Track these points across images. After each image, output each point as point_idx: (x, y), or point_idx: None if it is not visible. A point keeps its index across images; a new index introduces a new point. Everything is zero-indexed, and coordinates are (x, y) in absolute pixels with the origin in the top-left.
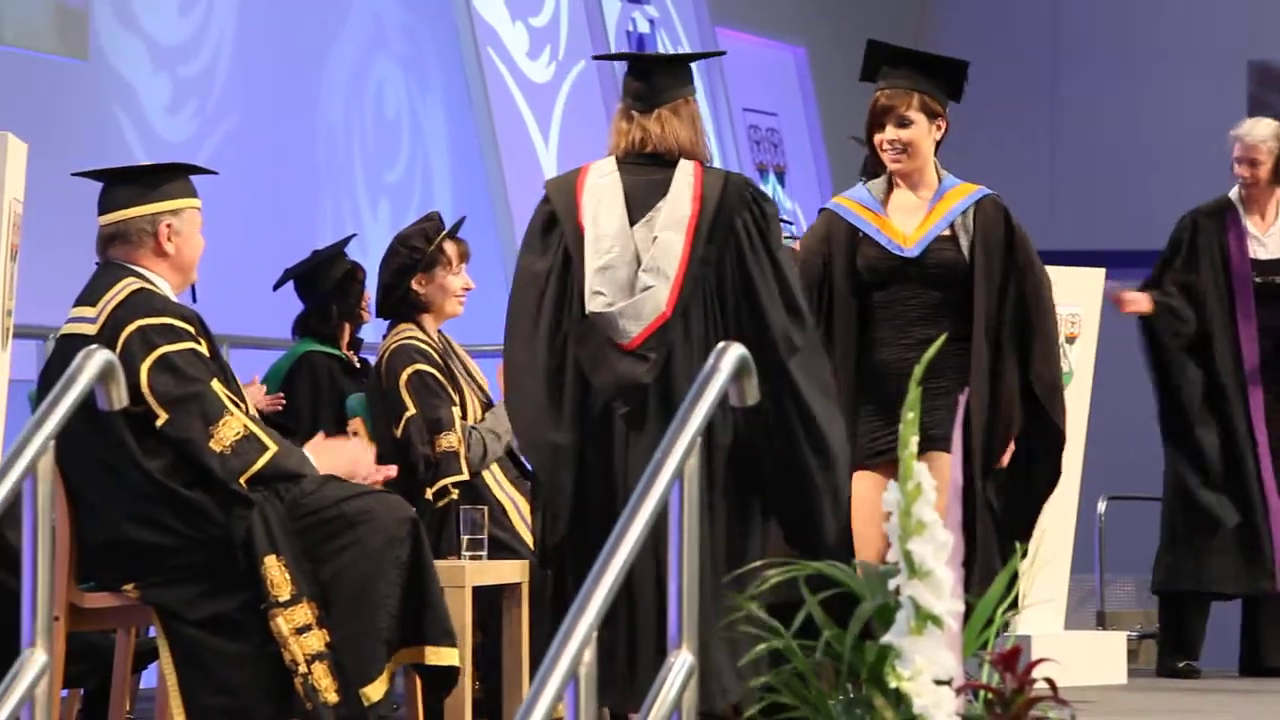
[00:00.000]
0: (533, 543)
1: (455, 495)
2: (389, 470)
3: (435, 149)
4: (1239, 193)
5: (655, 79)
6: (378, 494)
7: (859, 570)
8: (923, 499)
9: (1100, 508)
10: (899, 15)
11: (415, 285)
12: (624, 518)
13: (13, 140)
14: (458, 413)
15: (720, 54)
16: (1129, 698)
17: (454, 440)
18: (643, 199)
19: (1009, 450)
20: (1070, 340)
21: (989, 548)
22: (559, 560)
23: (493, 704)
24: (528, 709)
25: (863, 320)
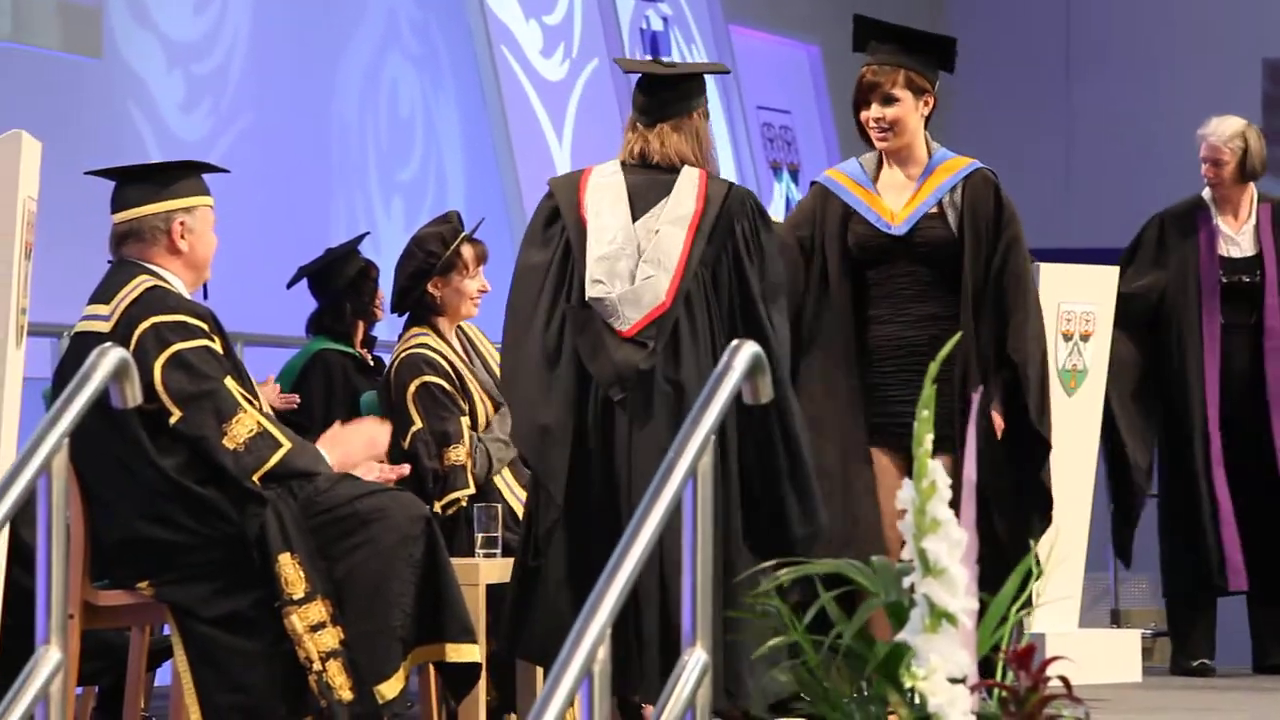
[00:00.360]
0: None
1: (464, 504)
2: (402, 469)
3: (449, 147)
4: (1211, 192)
5: (658, 95)
6: (391, 492)
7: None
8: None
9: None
10: (913, 15)
11: (431, 288)
12: (637, 516)
13: (27, 138)
14: (466, 423)
15: (725, 71)
16: (1144, 696)
17: (461, 454)
18: (646, 197)
19: (999, 425)
20: (1085, 338)
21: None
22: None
23: (506, 709)
24: (542, 706)
25: (860, 296)
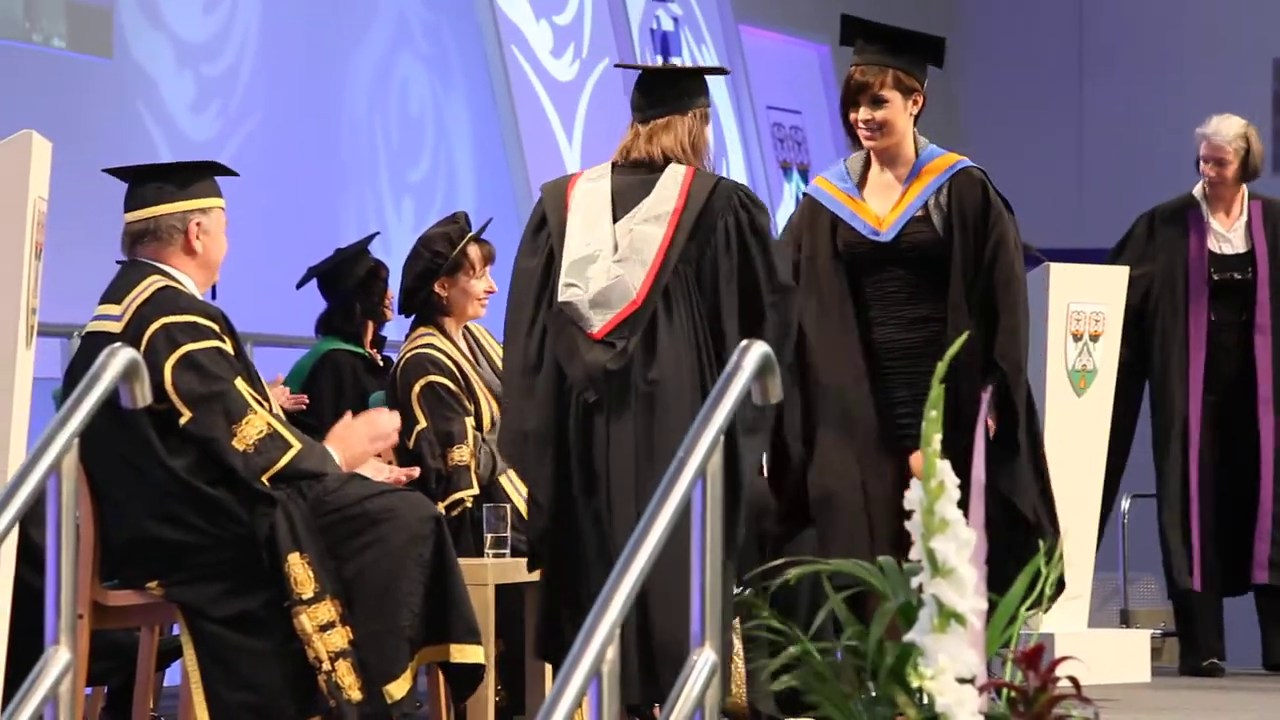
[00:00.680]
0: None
1: (469, 505)
2: (412, 471)
3: (459, 147)
4: (1203, 189)
5: (652, 93)
6: (401, 492)
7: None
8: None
9: (1124, 506)
10: (925, 14)
11: (438, 288)
12: (646, 516)
13: (37, 139)
14: (471, 423)
15: (724, 72)
16: (1153, 696)
17: (465, 454)
18: (629, 198)
19: (991, 425)
20: (1095, 338)
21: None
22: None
23: (515, 711)
24: (550, 707)
25: (856, 300)
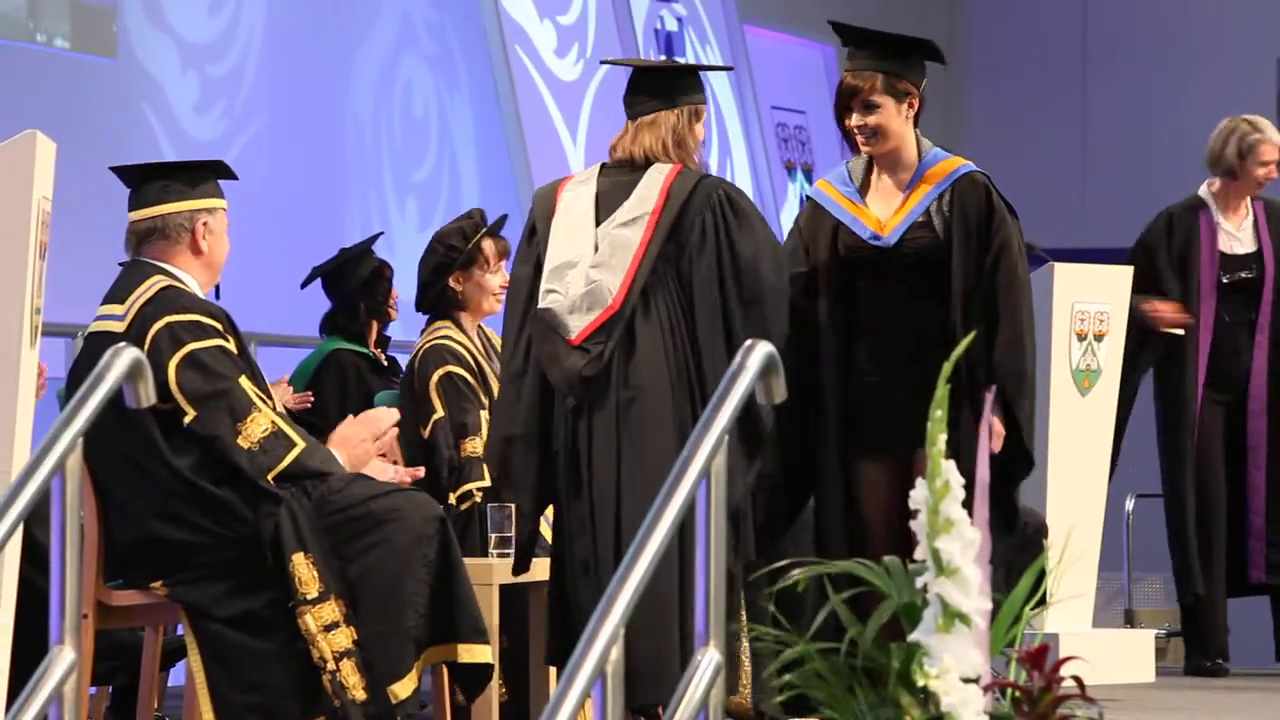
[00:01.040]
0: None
1: (479, 498)
2: (417, 471)
3: (463, 147)
4: (1210, 190)
5: (638, 90)
6: (406, 492)
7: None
8: (950, 496)
9: (1128, 505)
10: (928, 13)
11: (453, 283)
12: (650, 517)
13: (41, 139)
14: (485, 416)
15: (730, 68)
16: (1157, 696)
17: (479, 445)
18: (612, 200)
19: (999, 435)
20: (1099, 338)
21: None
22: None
23: (519, 708)
24: (555, 707)
25: (855, 302)
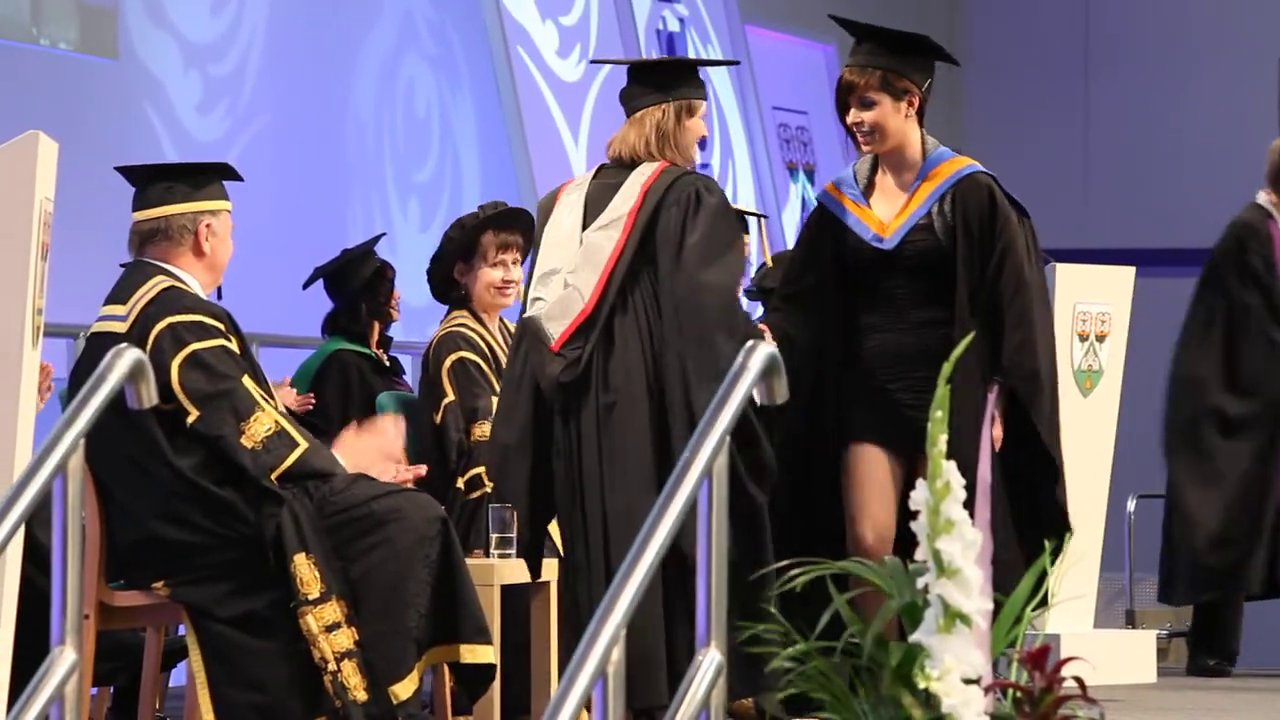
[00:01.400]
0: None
1: (489, 489)
2: (419, 469)
3: (465, 148)
4: (1270, 198)
5: (628, 88)
6: (407, 493)
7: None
8: (951, 497)
9: (1130, 506)
10: (930, 13)
11: (457, 275)
12: (652, 516)
13: (43, 139)
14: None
15: (734, 62)
16: (1159, 696)
17: (489, 430)
18: (600, 203)
19: (999, 435)
20: (1101, 339)
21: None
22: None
23: (519, 708)
24: (556, 708)
25: (860, 303)
